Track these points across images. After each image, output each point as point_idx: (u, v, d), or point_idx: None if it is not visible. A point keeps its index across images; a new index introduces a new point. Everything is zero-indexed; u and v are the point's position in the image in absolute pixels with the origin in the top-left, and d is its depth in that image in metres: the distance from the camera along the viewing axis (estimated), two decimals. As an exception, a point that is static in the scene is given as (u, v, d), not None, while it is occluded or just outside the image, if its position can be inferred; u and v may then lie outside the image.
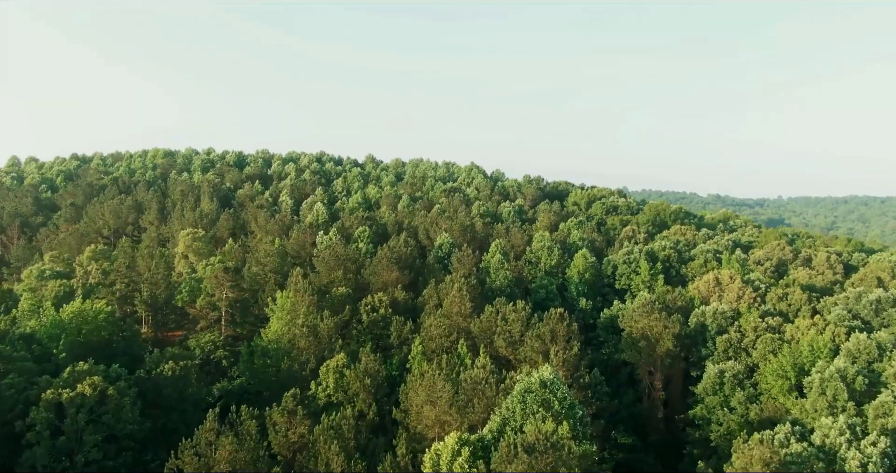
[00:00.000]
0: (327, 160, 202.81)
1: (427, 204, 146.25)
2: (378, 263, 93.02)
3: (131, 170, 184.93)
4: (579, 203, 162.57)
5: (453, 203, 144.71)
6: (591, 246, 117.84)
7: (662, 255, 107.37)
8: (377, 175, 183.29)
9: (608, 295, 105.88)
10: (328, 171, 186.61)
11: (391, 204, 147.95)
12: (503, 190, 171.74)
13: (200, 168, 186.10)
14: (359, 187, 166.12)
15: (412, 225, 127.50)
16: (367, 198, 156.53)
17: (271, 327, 75.14)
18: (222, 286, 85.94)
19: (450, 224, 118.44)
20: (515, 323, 74.98)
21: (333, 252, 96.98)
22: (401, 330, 79.23)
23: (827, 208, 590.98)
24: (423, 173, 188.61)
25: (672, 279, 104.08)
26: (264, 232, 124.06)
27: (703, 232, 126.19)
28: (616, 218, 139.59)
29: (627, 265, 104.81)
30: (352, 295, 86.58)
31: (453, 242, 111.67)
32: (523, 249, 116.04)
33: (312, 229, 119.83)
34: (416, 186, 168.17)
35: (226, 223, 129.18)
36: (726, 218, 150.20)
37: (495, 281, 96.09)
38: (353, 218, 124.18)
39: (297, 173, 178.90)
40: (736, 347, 74.07)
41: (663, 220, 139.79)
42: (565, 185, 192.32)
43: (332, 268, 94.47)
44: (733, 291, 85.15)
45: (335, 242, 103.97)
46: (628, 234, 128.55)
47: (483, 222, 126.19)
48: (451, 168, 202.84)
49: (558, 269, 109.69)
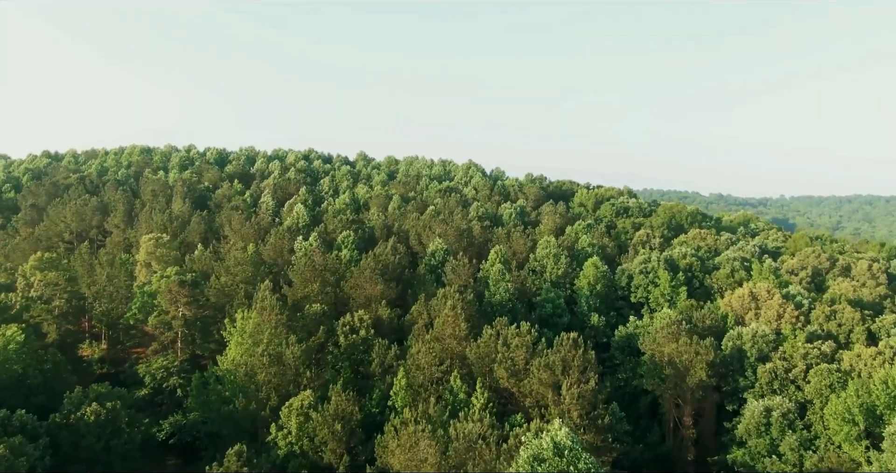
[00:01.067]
0: (315, 157, 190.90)
1: (420, 205, 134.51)
2: (360, 275, 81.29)
3: (103, 169, 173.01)
4: (586, 204, 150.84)
5: (449, 204, 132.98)
6: (601, 253, 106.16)
7: (683, 264, 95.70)
8: (368, 173, 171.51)
9: (623, 309, 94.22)
10: (315, 170, 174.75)
11: (381, 205, 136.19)
12: (503, 190, 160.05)
13: (178, 166, 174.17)
14: (347, 187, 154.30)
15: (403, 228, 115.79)
16: (356, 199, 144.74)
17: (229, 353, 63.45)
18: (177, 302, 74.16)
19: (444, 228, 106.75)
20: (519, 349, 63.34)
21: (310, 261, 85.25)
22: (384, 355, 67.64)
23: (831, 207, 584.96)
24: (418, 172, 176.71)
25: (695, 291, 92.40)
26: (239, 236, 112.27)
27: (726, 236, 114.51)
28: (627, 220, 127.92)
29: (644, 275, 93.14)
30: (329, 313, 74.90)
31: (448, 249, 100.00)
32: (526, 256, 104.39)
33: (291, 234, 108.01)
34: (409, 186, 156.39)
35: (197, 227, 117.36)
36: (746, 220, 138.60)
37: (495, 295, 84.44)
38: (337, 221, 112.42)
39: (282, 172, 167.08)
40: (782, 379, 62.39)
41: (679, 223, 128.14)
42: (570, 185, 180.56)
43: (308, 280, 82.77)
44: (772, 308, 73.49)
45: (313, 249, 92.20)
46: (642, 239, 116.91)
47: (481, 226, 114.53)
48: (447, 166, 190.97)
49: (566, 280, 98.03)
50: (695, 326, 73.79)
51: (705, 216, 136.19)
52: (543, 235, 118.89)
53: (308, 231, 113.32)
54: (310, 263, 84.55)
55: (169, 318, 74.50)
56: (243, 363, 61.19)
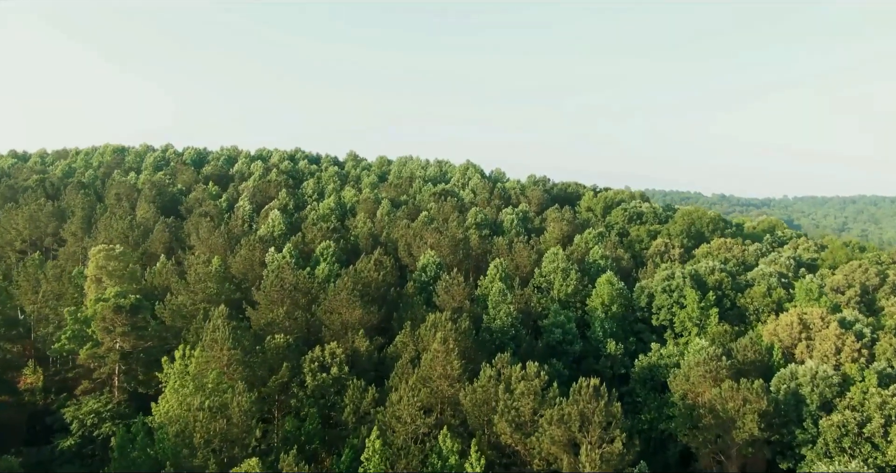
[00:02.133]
0: (302, 157, 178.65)
1: (412, 210, 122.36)
2: (335, 297, 69.05)
3: (70, 170, 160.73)
4: (594, 208, 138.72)
5: (444, 210, 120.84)
6: (616, 267, 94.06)
7: (712, 280, 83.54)
8: (357, 175, 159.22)
9: (643, 333, 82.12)
10: (300, 171, 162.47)
11: (369, 210, 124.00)
12: (504, 192, 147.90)
13: (152, 167, 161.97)
14: (334, 190, 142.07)
15: (391, 238, 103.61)
16: (342, 203, 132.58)
17: (162, 403, 51.22)
18: (113, 332, 61.92)
19: (438, 238, 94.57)
20: (525, 396, 51.19)
21: (279, 279, 73.04)
22: (359, 401, 55.51)
23: (835, 208, 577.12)
24: (411, 173, 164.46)
25: (727, 313, 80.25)
26: (206, 247, 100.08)
27: (754, 247, 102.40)
28: (642, 228, 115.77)
29: (668, 294, 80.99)
30: (294, 346, 62.66)
31: (441, 262, 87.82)
32: (531, 270, 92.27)
33: (264, 244, 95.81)
34: (400, 189, 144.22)
35: (160, 235, 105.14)
36: (772, 226, 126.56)
37: (495, 320, 72.32)
38: (316, 230, 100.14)
39: (264, 173, 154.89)
40: (854, 435, 50.19)
41: (699, 231, 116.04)
42: (575, 187, 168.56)
43: (275, 303, 70.62)
44: (828, 340, 61.39)
45: (283, 264, 80.00)
46: (659, 249, 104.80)
47: (479, 234, 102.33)
48: (443, 167, 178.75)
49: (576, 299, 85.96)
50: (737, 362, 61.65)
51: (726, 222, 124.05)
52: (549, 245, 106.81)
53: (285, 241, 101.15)
54: (278, 281, 72.36)
55: (102, 351, 62.23)
56: (180, 414, 48.97)
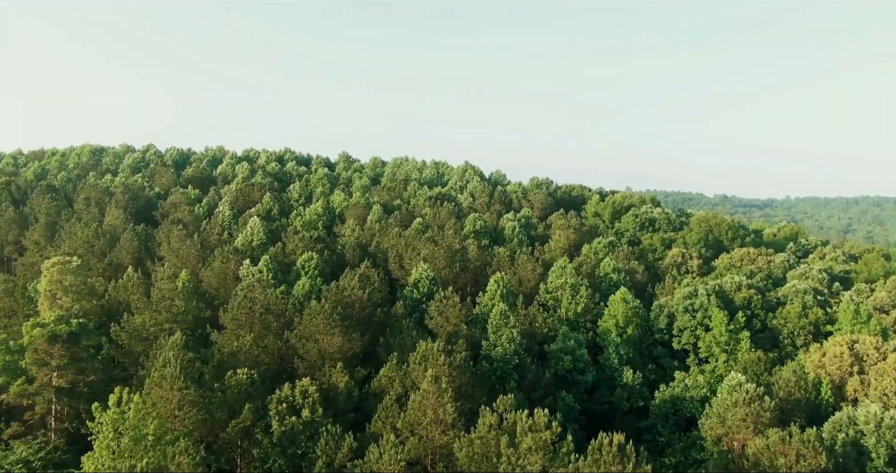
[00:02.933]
0: (290, 158, 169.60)
1: (406, 216, 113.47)
2: (311, 320, 60.12)
3: (43, 172, 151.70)
4: (601, 214, 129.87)
5: (440, 216, 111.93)
6: (629, 281, 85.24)
7: (739, 298, 74.69)
8: (348, 177, 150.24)
9: (662, 358, 73.31)
10: (288, 173, 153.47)
11: (359, 216, 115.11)
12: (505, 196, 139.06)
13: (130, 168, 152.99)
14: (322, 193, 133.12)
15: (382, 248, 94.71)
16: (331, 208, 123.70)
17: (88, 463, 42.23)
18: (47, 366, 53.00)
19: (432, 249, 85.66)
20: (534, 453, 42.27)
21: (247, 299, 64.12)
22: (333, 452, 46.68)
23: (839, 209, 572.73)
24: (406, 175, 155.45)
25: (758, 336, 71.39)
26: (176, 258, 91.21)
27: (781, 258, 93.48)
28: (655, 236, 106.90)
29: (690, 314, 72.15)
30: (259, 383, 53.73)
31: (435, 277, 78.92)
32: (535, 285, 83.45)
33: (239, 255, 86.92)
34: (394, 192, 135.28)
35: (128, 245, 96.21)
36: (794, 234, 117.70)
37: (496, 347, 63.43)
38: (298, 239, 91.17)
39: (249, 175, 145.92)
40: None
41: (717, 239, 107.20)
42: (580, 190, 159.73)
43: (243, 327, 61.79)
44: (887, 375, 52.43)
45: (256, 280, 71.10)
46: (676, 261, 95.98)
47: (478, 244, 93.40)
48: (441, 168, 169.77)
49: (586, 318, 77.16)
50: (779, 400, 52.79)
51: (746, 229, 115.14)
52: (554, 255, 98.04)
53: (265, 251, 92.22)
54: (246, 302, 63.45)
55: (34, 388, 53.26)
56: (112, 477, 40.06)
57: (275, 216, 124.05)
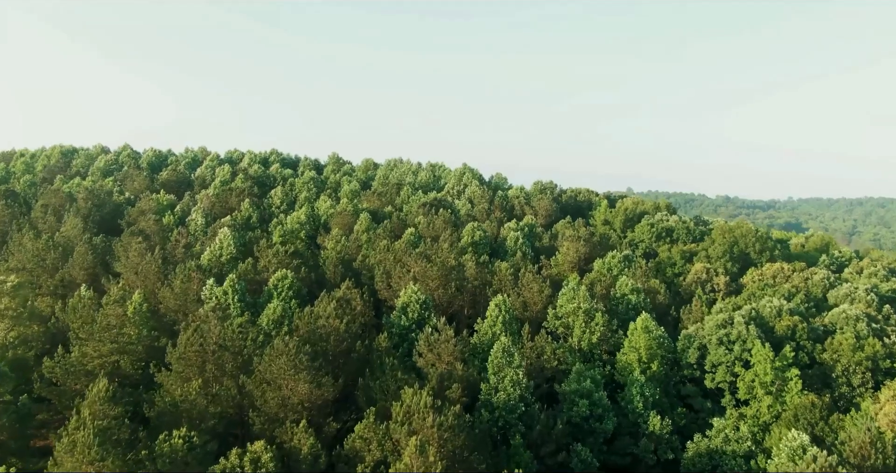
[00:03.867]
0: (276, 160, 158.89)
1: (397, 226, 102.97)
2: (273, 362, 49.59)
3: (7, 174, 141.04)
4: (612, 222, 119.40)
5: (434, 225, 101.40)
6: (650, 304, 74.83)
7: (782, 327, 64.19)
8: (337, 181, 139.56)
9: (693, 399, 62.85)
10: (271, 176, 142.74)
11: (346, 225, 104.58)
12: (506, 202, 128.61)
13: (101, 171, 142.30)
14: (307, 199, 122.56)
15: (367, 263, 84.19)
16: (316, 216, 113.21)
17: None
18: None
19: (424, 266, 75.16)
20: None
21: (198, 333, 53.59)
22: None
23: (843, 210, 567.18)
24: (399, 179, 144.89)
25: (806, 373, 60.84)
26: (134, 275, 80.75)
27: (821, 275, 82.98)
28: (675, 249, 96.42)
29: (726, 347, 61.69)
30: (200, 447, 43.21)
31: (427, 300, 68.40)
32: (543, 308, 72.96)
33: (203, 273, 76.44)
34: (385, 197, 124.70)
35: (82, 259, 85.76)
36: (825, 245, 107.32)
37: (497, 391, 53.02)
38: (272, 254, 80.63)
39: (229, 178, 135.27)
40: None
41: (743, 251, 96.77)
42: (586, 195, 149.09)
43: (192, 367, 51.35)
44: None
45: (214, 307, 60.54)
46: (700, 277, 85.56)
47: (477, 260, 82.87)
48: (437, 171, 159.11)
49: (602, 348, 66.73)
50: (850, 467, 42.29)
51: (773, 240, 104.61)
52: (564, 271, 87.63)
53: (233, 268, 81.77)
54: (197, 336, 52.92)
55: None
56: None
57: (254, 224, 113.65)
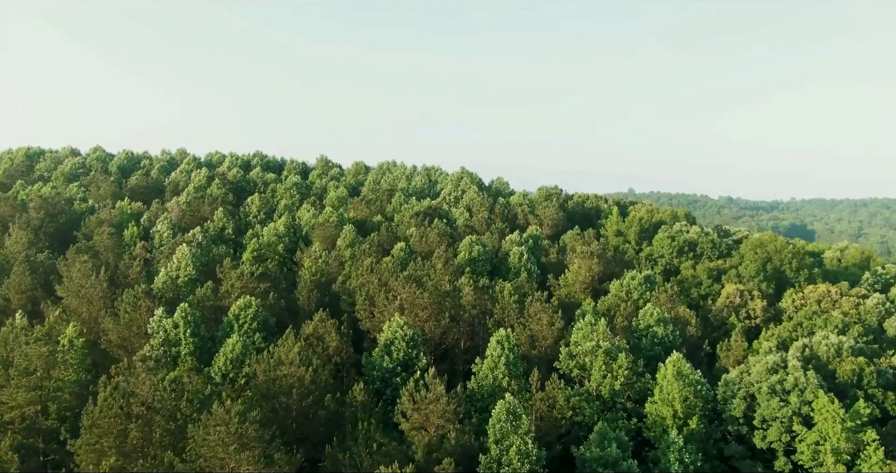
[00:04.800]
0: (259, 163, 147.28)
1: (387, 239, 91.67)
2: (211, 433, 38.28)
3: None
4: (625, 233, 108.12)
5: (428, 238, 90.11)
6: (679, 337, 63.52)
7: (845, 372, 52.93)
8: (323, 187, 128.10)
9: (739, 461, 51.54)
10: (252, 181, 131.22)
11: (328, 238, 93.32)
12: (507, 210, 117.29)
13: (66, 176, 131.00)
14: (287, 207, 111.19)
15: (348, 286, 72.82)
16: (296, 227, 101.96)
17: None
18: None
19: (414, 292, 63.83)
20: None
21: (114, 394, 42.34)
22: None
23: (847, 212, 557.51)
24: (391, 184, 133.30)
25: (883, 433, 49.50)
26: (77, 300, 69.60)
27: (875, 299, 71.73)
28: (700, 266, 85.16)
29: (780, 398, 50.44)
30: None
31: (415, 336, 57.13)
32: (553, 343, 61.63)
33: (153, 301, 65.15)
34: (375, 206, 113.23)
35: (19, 281, 74.61)
36: (865, 259, 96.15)
37: (500, 464, 41.75)
38: (236, 276, 69.21)
39: (205, 183, 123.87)
40: None
41: (778, 269, 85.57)
42: (594, 201, 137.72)
43: (106, 436, 40.19)
44: None
45: (143, 356, 49.27)
46: (733, 302, 74.38)
47: (475, 283, 71.46)
48: (433, 175, 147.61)
49: (625, 396, 55.49)
50: None
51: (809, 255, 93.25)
52: (575, 293, 76.40)
53: (192, 291, 70.52)
54: (114, 399, 41.68)
55: None
56: None
57: (228, 236, 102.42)
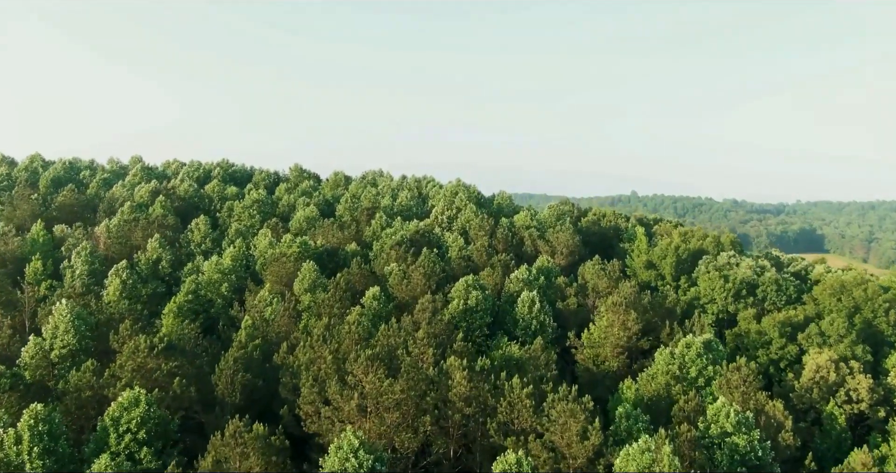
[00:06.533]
0: (221, 173, 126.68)
1: (357, 279, 71.67)
2: None
3: None
4: (659, 265, 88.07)
5: (411, 281, 70.09)
6: (770, 453, 43.60)
7: None
8: (291, 203, 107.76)
9: None
10: (206, 197, 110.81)
11: (284, 276, 73.37)
12: (512, 233, 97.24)
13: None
14: (239, 233, 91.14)
15: (294, 366, 52.56)
16: (248, 258, 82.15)
17: None
18: None
19: (381, 384, 43.84)
20: None
21: None
22: None
23: (856, 215, 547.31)
24: (374, 200, 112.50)
25: None
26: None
27: None
28: (767, 320, 65.19)
29: None
30: None
31: (377, 466, 37.14)
32: (586, 465, 41.62)
33: (7, 393, 45.17)
34: (349, 230, 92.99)
35: None
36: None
37: None
38: (129, 353, 48.96)
39: (149, 199, 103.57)
40: None
41: (870, 320, 65.74)
42: (613, 219, 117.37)
43: None
44: None
45: None
46: (823, 376, 54.46)
47: (471, 367, 51.27)
48: (423, 188, 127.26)
49: None
50: None
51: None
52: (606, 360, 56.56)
53: (73, 368, 50.51)
54: None
55: None
56: None
57: (164, 271, 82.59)
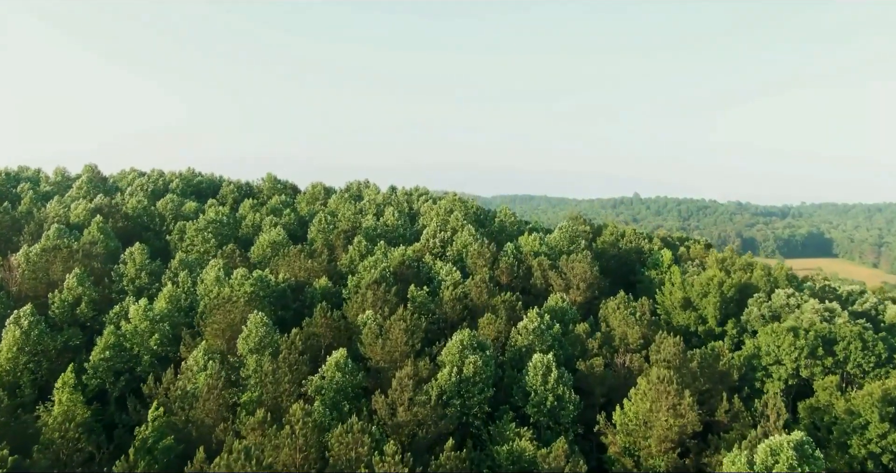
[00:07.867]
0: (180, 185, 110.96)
1: (326, 330, 56.12)
2: None
3: None
4: (699, 306, 72.60)
5: (391, 336, 54.51)
6: None
7: None
8: (256, 223, 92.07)
9: None
10: (159, 215, 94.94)
11: (229, 328, 57.80)
12: (519, 262, 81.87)
13: None
14: (183, 264, 75.50)
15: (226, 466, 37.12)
16: (195, 297, 66.69)
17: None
18: None
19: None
20: None
21: None
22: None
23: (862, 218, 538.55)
24: (354, 220, 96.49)
25: None
26: None
27: None
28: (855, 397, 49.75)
29: None
30: None
31: None
32: None
33: None
34: (320, 259, 77.44)
35: None
36: None
37: None
38: None
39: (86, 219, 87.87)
40: None
41: None
42: (633, 239, 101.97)
43: None
44: None
45: None
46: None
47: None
48: (413, 203, 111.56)
49: None
50: None
51: None
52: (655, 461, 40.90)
53: None
54: None
55: None
56: None
57: (82, 315, 66.79)
